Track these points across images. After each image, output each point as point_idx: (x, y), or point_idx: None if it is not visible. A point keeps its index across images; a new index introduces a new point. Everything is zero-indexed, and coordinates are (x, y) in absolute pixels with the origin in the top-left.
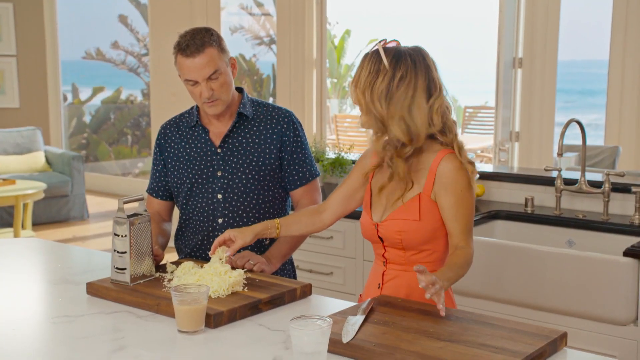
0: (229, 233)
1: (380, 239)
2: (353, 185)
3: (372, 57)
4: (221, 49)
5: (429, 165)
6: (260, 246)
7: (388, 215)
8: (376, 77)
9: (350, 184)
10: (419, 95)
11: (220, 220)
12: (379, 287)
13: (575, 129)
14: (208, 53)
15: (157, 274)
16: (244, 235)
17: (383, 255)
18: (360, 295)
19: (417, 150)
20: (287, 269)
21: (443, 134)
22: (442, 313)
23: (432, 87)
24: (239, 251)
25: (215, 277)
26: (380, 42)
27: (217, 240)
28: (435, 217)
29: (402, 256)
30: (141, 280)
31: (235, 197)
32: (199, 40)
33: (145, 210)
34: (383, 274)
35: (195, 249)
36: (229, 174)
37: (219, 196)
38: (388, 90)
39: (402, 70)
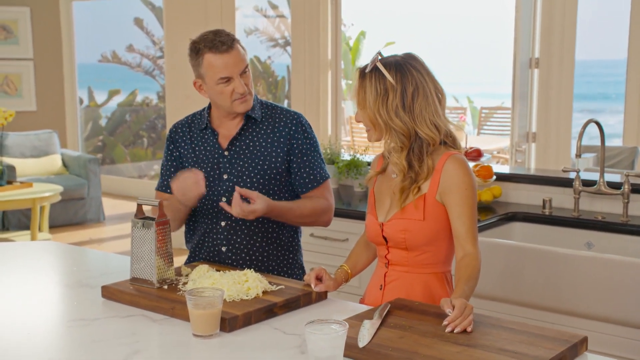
0: (323, 276)
1: (385, 239)
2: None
3: (374, 77)
4: (242, 46)
5: (434, 167)
6: (252, 246)
7: (393, 215)
8: (386, 95)
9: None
10: (435, 99)
11: (223, 223)
12: (380, 289)
13: (592, 130)
14: (238, 48)
15: (176, 279)
16: (333, 285)
17: (385, 257)
18: (362, 298)
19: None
20: (297, 274)
21: (453, 140)
22: (470, 330)
23: (438, 92)
24: (229, 247)
25: (233, 285)
26: (373, 60)
27: (315, 273)
28: (439, 218)
29: (405, 257)
30: (165, 285)
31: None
32: (225, 37)
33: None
34: (385, 275)
35: (197, 249)
36: (235, 177)
37: (224, 199)
38: (403, 103)
39: (411, 83)
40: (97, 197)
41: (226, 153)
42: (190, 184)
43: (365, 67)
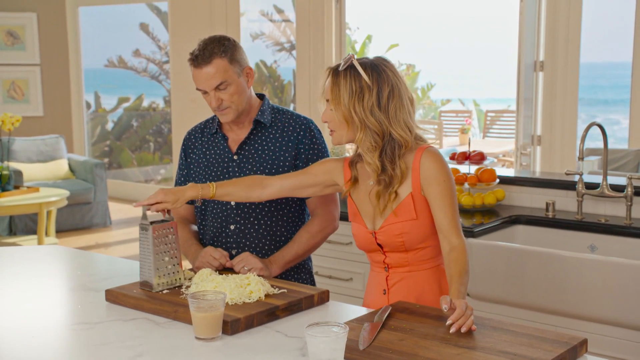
0: (161, 197)
1: (380, 246)
2: (309, 181)
3: (348, 75)
4: (232, 59)
5: (411, 165)
6: (260, 249)
7: (384, 221)
8: (362, 94)
9: (307, 179)
10: (408, 102)
11: (232, 227)
12: (384, 293)
13: (599, 133)
14: (215, 64)
15: (179, 282)
16: (172, 200)
17: (384, 262)
18: (364, 303)
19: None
20: (304, 278)
21: (421, 139)
22: (475, 328)
23: (410, 95)
24: (238, 251)
25: (235, 289)
26: (348, 58)
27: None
28: (430, 213)
29: (405, 258)
30: (172, 287)
31: (248, 204)
32: (207, 52)
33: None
34: (387, 279)
35: None
36: None
37: (232, 203)
38: (379, 103)
39: (388, 84)
40: (103, 202)
41: (235, 157)
42: (211, 261)
43: (338, 65)
